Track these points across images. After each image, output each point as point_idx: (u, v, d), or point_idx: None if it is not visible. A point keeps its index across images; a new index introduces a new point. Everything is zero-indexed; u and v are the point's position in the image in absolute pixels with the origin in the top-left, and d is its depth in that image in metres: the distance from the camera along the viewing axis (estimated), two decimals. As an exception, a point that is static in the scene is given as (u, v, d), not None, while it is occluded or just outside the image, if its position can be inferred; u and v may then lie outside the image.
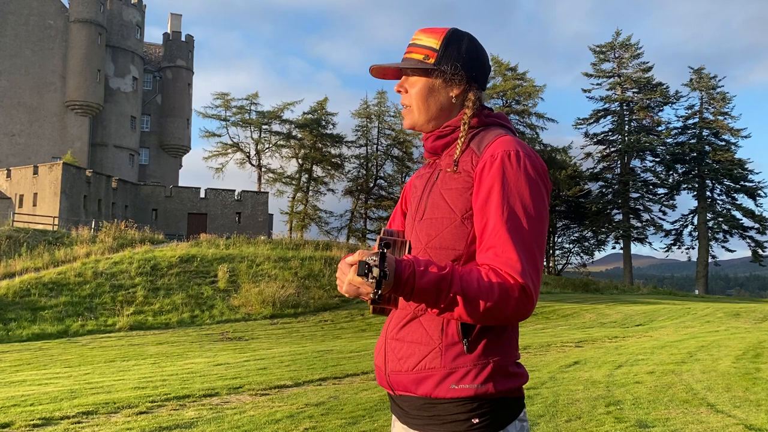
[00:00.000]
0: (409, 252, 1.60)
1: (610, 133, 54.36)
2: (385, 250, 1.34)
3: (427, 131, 1.68)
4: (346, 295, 1.53)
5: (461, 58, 1.62)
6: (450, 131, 1.63)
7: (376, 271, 1.29)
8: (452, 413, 1.48)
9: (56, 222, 37.00)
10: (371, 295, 1.33)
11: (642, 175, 53.92)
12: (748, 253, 52.88)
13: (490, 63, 1.72)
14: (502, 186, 1.47)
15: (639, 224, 53.27)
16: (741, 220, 51.55)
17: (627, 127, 53.79)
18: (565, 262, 55.46)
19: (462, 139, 1.59)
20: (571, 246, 55.65)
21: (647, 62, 53.87)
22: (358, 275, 1.31)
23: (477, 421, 1.46)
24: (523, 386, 1.57)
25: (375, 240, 1.70)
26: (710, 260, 52.49)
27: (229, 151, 53.33)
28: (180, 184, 56.81)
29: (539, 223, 1.47)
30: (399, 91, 1.68)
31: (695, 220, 53.08)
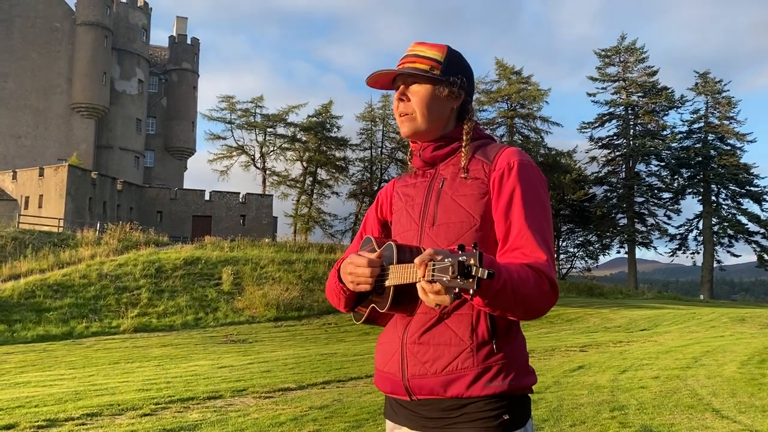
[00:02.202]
0: None
1: (614, 137, 54.23)
2: (479, 251, 1.30)
3: (425, 139, 1.73)
4: (359, 288, 1.58)
5: (462, 72, 1.71)
6: (449, 142, 1.71)
7: (481, 272, 1.27)
8: (483, 410, 1.53)
9: (61, 224, 37.12)
10: (453, 297, 1.28)
11: (647, 179, 53.73)
12: (754, 258, 52.66)
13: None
14: (523, 191, 1.58)
15: (644, 229, 53.07)
16: (746, 224, 51.33)
17: (632, 131, 53.67)
18: (569, 266, 55.28)
19: (466, 148, 1.68)
20: (575, 250, 55.50)
21: (652, 66, 53.76)
22: (458, 275, 1.27)
23: (508, 417, 1.53)
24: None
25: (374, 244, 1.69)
26: (715, 265, 52.27)
27: (234, 153, 53.40)
28: (185, 187, 56.94)
29: (551, 224, 1.62)
30: (401, 99, 1.70)
31: (700, 225, 52.87)
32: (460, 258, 1.29)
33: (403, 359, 1.61)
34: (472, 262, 1.29)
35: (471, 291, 1.28)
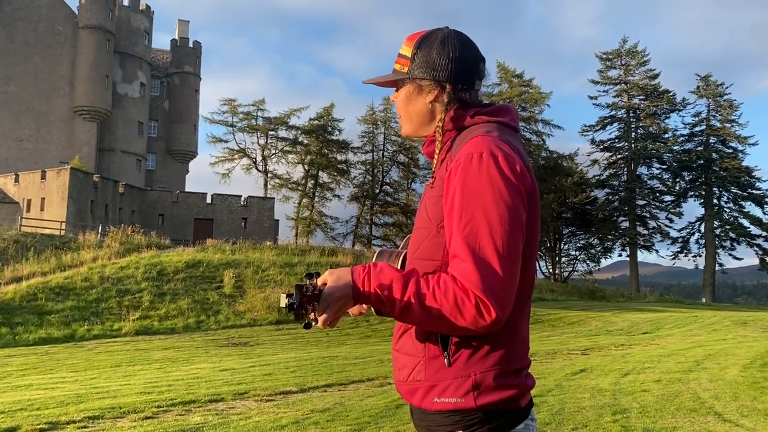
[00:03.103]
0: (403, 264, 1.63)
1: (616, 140, 54.26)
2: (308, 281, 1.41)
3: (422, 137, 1.67)
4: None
5: (428, 62, 1.57)
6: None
7: (285, 301, 1.38)
8: (440, 425, 1.49)
9: (63, 227, 37.16)
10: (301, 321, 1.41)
11: (648, 182, 53.75)
12: (756, 261, 52.62)
13: (479, 56, 1.62)
14: (462, 191, 1.42)
15: (645, 232, 53.05)
16: (748, 227, 51.31)
17: (633, 134, 53.69)
18: (571, 269, 55.25)
19: (439, 146, 1.57)
20: (577, 253, 55.46)
21: (654, 69, 53.83)
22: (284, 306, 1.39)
23: None
24: (524, 396, 1.51)
25: (377, 249, 1.78)
26: (717, 268, 52.21)
27: (236, 156, 53.49)
28: (186, 190, 56.99)
29: (504, 229, 1.39)
30: (394, 101, 1.69)
31: (702, 228, 52.84)
32: (289, 293, 1.39)
33: (393, 363, 1.64)
34: (294, 293, 1.38)
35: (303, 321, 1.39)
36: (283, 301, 1.38)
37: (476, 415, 1.45)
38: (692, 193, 53.00)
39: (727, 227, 51.46)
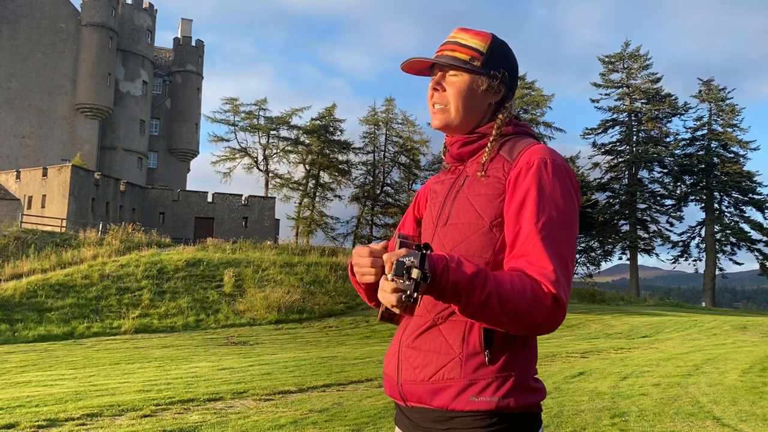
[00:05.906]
0: None
1: (618, 144, 54.23)
2: (426, 251, 1.26)
3: (456, 133, 1.62)
4: (364, 280, 1.41)
5: (507, 65, 1.59)
6: (477, 138, 1.59)
7: (415, 273, 1.22)
8: (469, 427, 1.41)
9: (64, 224, 37.18)
10: (404, 298, 1.24)
11: (649, 186, 53.70)
12: (756, 266, 52.56)
13: None
14: (538, 193, 1.43)
15: (646, 235, 53.02)
16: (749, 232, 51.24)
17: (635, 137, 53.67)
18: (571, 272, 55.17)
19: (491, 145, 1.56)
20: (577, 256, 55.30)
21: (656, 73, 53.82)
22: (395, 275, 1.24)
23: None
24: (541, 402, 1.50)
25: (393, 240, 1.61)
26: (717, 273, 52.15)
27: (237, 155, 53.51)
28: (188, 188, 57.03)
29: (572, 233, 1.44)
30: (435, 89, 1.60)
31: (703, 232, 52.81)
32: (401, 258, 1.24)
33: (399, 362, 1.54)
34: (412, 262, 1.23)
35: (408, 293, 1.23)
36: (407, 271, 1.21)
37: (511, 417, 1.41)
38: (693, 197, 52.96)
39: (728, 232, 51.42)
